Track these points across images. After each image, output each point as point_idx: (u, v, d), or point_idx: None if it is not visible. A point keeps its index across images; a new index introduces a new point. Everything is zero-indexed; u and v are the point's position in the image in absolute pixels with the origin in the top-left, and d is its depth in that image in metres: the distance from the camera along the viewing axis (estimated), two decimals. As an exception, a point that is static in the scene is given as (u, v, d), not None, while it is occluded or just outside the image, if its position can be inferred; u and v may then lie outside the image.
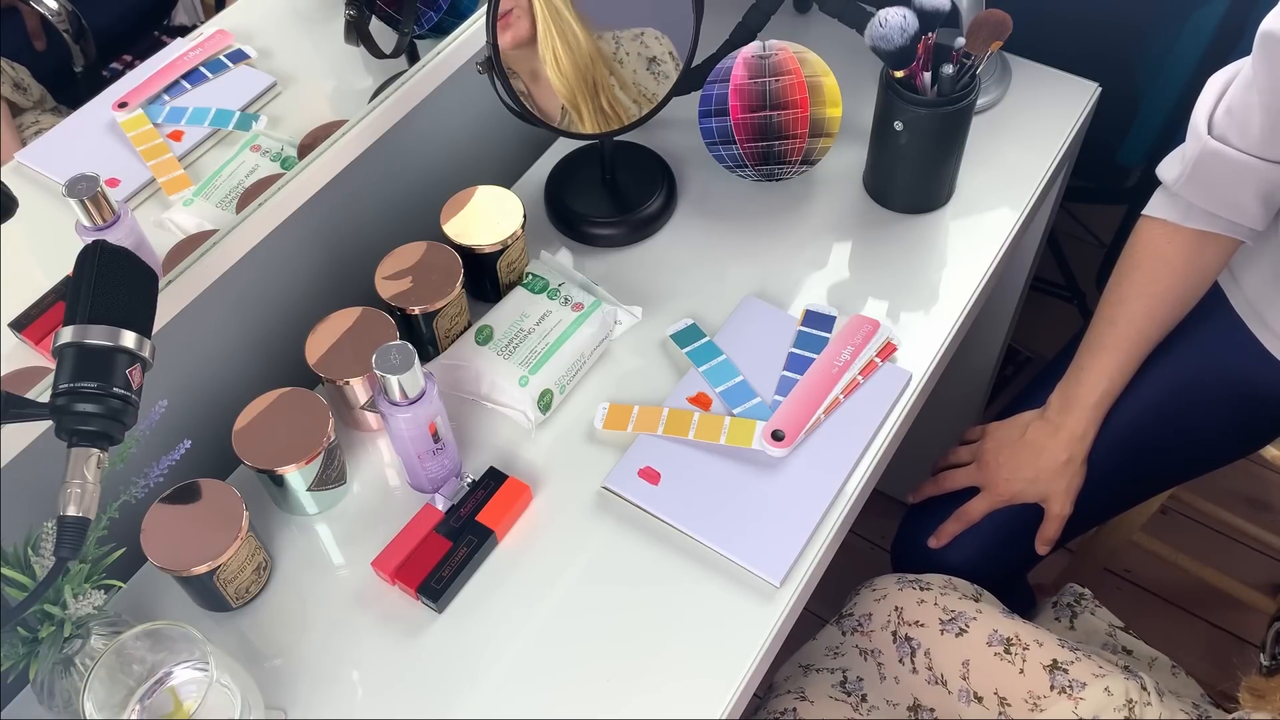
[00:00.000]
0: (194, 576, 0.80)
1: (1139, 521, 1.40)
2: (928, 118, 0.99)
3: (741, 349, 0.97)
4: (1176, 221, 0.99)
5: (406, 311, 0.93)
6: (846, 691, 1.00)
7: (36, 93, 0.78)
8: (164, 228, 0.86)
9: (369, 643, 0.84)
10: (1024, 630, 0.96)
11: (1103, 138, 1.27)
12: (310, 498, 0.88)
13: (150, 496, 0.81)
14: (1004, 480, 1.06)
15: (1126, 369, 1.04)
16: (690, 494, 0.89)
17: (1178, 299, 1.02)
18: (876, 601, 1.03)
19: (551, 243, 1.08)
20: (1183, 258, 1.00)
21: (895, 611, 1.00)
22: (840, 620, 1.05)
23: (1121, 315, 1.03)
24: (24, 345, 0.78)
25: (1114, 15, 1.30)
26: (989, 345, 1.43)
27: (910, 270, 1.04)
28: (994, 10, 0.95)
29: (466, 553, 0.86)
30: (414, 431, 0.83)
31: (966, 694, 0.95)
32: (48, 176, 0.78)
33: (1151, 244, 1.01)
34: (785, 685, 1.04)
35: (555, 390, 0.94)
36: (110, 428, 0.65)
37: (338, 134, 0.93)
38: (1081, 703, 0.91)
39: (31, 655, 0.72)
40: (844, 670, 1.02)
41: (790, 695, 1.01)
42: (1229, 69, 0.94)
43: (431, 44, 1.00)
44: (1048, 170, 1.11)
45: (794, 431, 0.90)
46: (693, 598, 0.84)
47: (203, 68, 0.87)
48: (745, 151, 1.01)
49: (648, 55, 1.03)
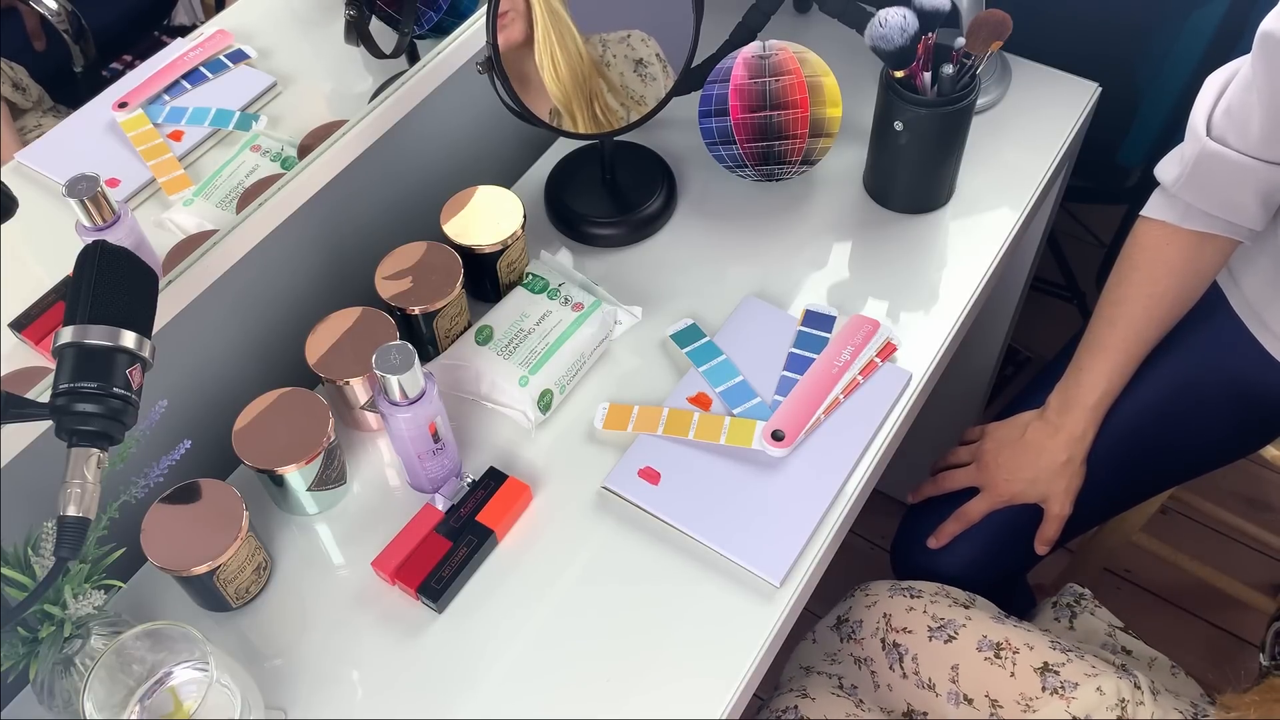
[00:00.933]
0: (194, 576, 0.80)
1: (1139, 521, 1.40)
2: (928, 118, 0.99)
3: (741, 349, 0.97)
4: (1175, 223, 0.99)
5: (406, 311, 0.93)
6: (846, 693, 1.01)
7: (35, 93, 0.78)
8: (164, 228, 0.86)
9: (369, 643, 0.84)
10: (1014, 635, 0.96)
11: (1103, 138, 1.27)
12: (310, 498, 0.88)
13: (150, 496, 0.81)
14: (1004, 481, 1.06)
15: (1125, 370, 1.04)
16: (690, 494, 0.89)
17: (1176, 299, 1.02)
18: (868, 608, 1.03)
19: (551, 243, 1.08)
20: (1182, 258, 1.00)
21: (884, 618, 1.00)
22: (838, 625, 1.05)
23: (1120, 316, 1.03)
24: (24, 345, 0.78)
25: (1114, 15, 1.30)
26: (989, 345, 1.43)
27: (910, 270, 1.04)
28: (994, 10, 0.95)
29: (466, 553, 0.86)
30: (414, 431, 0.84)
31: (956, 696, 0.95)
32: (48, 176, 0.78)
33: (1150, 245, 1.01)
34: (788, 684, 1.04)
35: (555, 390, 0.94)
36: (110, 428, 0.65)
37: (338, 134, 0.93)
38: (1074, 702, 0.91)
39: (31, 655, 0.72)
40: (840, 677, 1.02)
41: (793, 693, 1.01)
42: (1227, 68, 0.94)
43: (431, 44, 1.00)
44: (1048, 170, 1.11)
45: (794, 431, 0.90)
46: (693, 598, 0.84)
47: (203, 68, 0.87)
48: (745, 151, 1.01)
49: (634, 58, 1.03)
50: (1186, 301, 1.03)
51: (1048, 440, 1.05)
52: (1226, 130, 0.91)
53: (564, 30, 0.98)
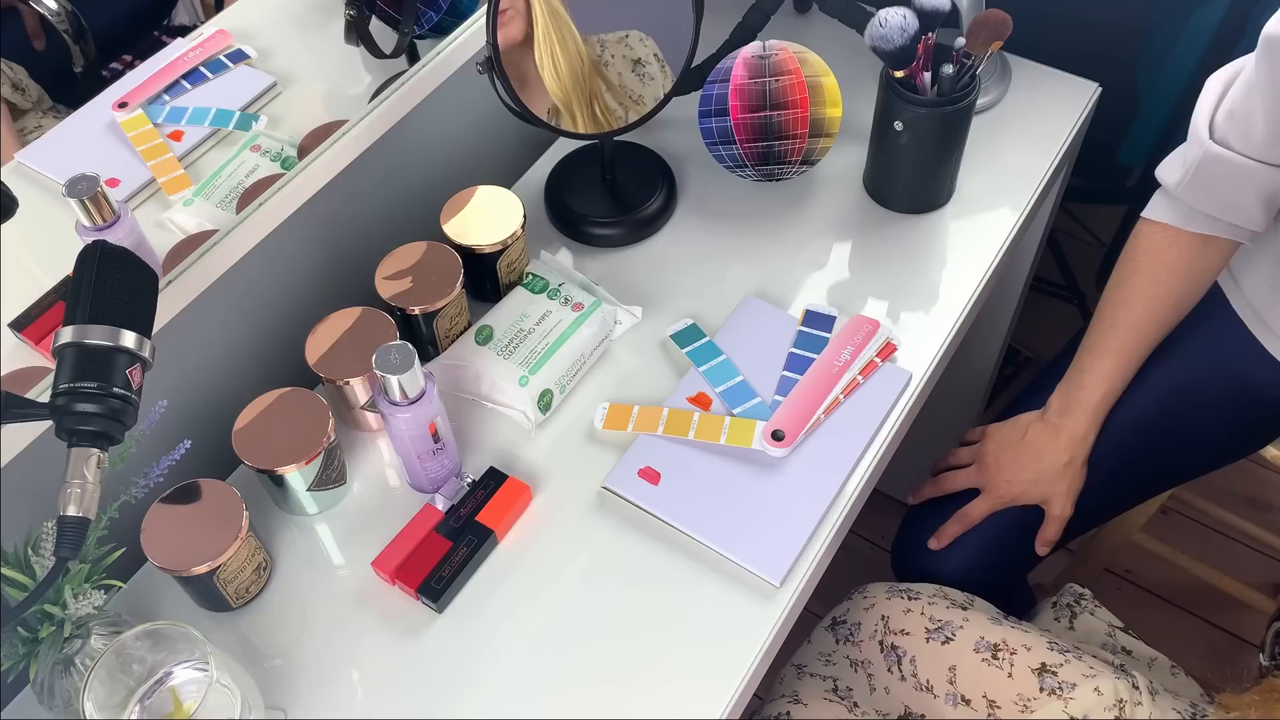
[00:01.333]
0: (194, 576, 0.80)
1: (1139, 522, 1.40)
2: (928, 118, 0.99)
3: (741, 349, 0.97)
4: (1178, 225, 0.99)
5: (406, 311, 0.93)
6: (840, 696, 1.00)
7: (35, 93, 0.78)
8: (164, 228, 0.85)
9: (369, 643, 0.84)
10: (1011, 636, 0.96)
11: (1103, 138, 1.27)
12: (310, 498, 0.88)
13: (150, 496, 0.81)
14: (1005, 482, 1.06)
15: (1127, 371, 1.04)
16: (690, 494, 0.89)
17: (1178, 301, 1.02)
18: (866, 610, 1.03)
19: (551, 243, 1.08)
20: (1184, 261, 1.00)
21: (882, 621, 1.00)
22: (834, 627, 1.05)
23: (1122, 318, 1.03)
24: (24, 345, 0.78)
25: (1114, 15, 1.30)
26: (989, 345, 1.43)
27: (910, 270, 1.04)
28: (994, 10, 0.95)
29: (466, 553, 0.86)
30: (414, 431, 0.84)
31: (954, 697, 0.95)
32: (48, 176, 0.78)
33: (1152, 247, 1.01)
34: (780, 689, 1.04)
35: (555, 390, 0.94)
36: (110, 428, 0.65)
37: (338, 134, 0.93)
38: (1071, 702, 0.91)
39: (31, 655, 0.72)
40: (835, 679, 1.02)
41: (784, 699, 1.01)
42: (1228, 69, 0.94)
43: (431, 44, 1.00)
44: (1048, 170, 1.11)
45: (794, 431, 0.90)
46: (693, 597, 0.84)
47: (203, 68, 0.87)
48: (745, 151, 1.01)
49: (632, 58, 1.03)
50: (1188, 303, 1.03)
51: (1049, 442, 1.05)
52: (1229, 133, 0.91)
53: (564, 30, 0.98)
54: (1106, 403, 1.04)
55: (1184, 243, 0.99)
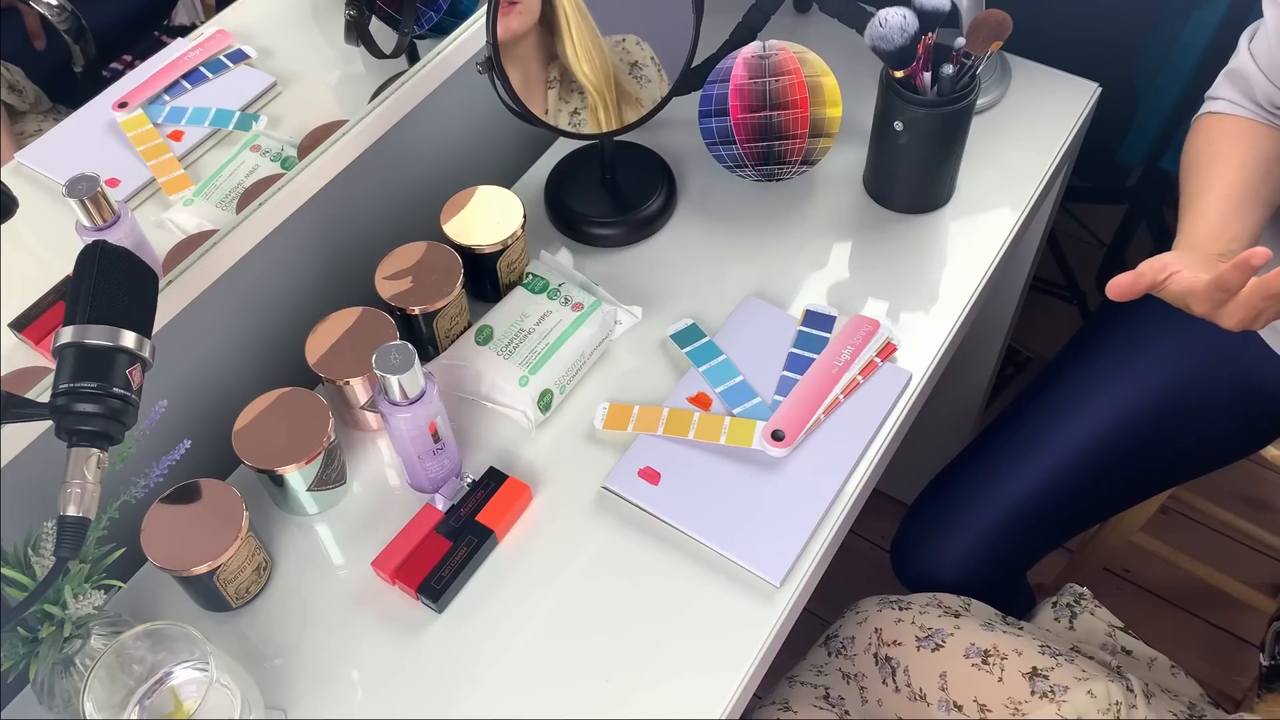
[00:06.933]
0: (194, 576, 0.80)
1: (1139, 521, 1.40)
2: (928, 118, 0.99)
3: (741, 349, 0.97)
4: (1232, 112, 0.96)
5: (406, 311, 0.93)
6: (831, 704, 1.00)
7: (32, 95, 0.78)
8: (164, 228, 0.86)
9: (369, 643, 0.84)
10: (1003, 641, 0.96)
11: (1103, 138, 1.27)
12: (310, 498, 0.88)
13: (150, 496, 0.81)
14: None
15: (1239, 214, 0.91)
16: (690, 494, 0.89)
17: (1264, 156, 0.94)
18: (859, 625, 1.03)
19: (551, 243, 1.08)
20: (1256, 133, 0.95)
21: (875, 633, 1.00)
22: (827, 643, 1.05)
23: (1214, 182, 0.92)
24: (24, 345, 0.78)
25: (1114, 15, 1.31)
26: (989, 345, 1.43)
27: (910, 270, 1.04)
28: (994, 10, 0.95)
29: (466, 553, 0.86)
30: (414, 431, 0.84)
31: (946, 704, 0.95)
32: (48, 176, 0.78)
33: (1218, 124, 0.96)
34: (769, 696, 1.04)
35: (555, 390, 0.94)
36: (110, 428, 0.65)
37: (338, 134, 0.93)
38: (1064, 705, 0.91)
39: (31, 655, 0.72)
40: (826, 688, 1.02)
41: (774, 705, 1.01)
42: (1248, 30, 0.95)
43: (431, 44, 1.00)
44: (1048, 170, 1.11)
45: (794, 431, 0.90)
46: (693, 597, 0.84)
47: (203, 68, 0.87)
48: (745, 151, 1.01)
49: (629, 60, 1.03)
50: (1272, 168, 0.94)
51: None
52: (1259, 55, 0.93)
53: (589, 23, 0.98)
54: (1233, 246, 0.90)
55: (1248, 121, 0.96)
